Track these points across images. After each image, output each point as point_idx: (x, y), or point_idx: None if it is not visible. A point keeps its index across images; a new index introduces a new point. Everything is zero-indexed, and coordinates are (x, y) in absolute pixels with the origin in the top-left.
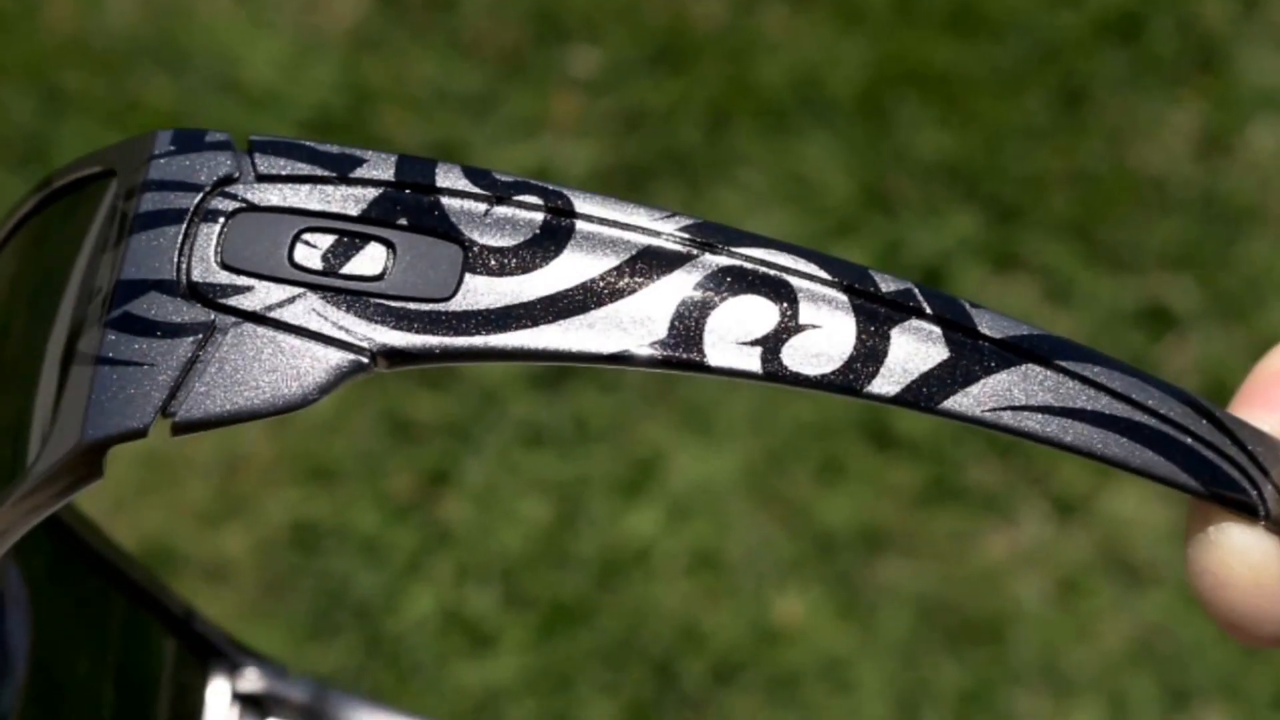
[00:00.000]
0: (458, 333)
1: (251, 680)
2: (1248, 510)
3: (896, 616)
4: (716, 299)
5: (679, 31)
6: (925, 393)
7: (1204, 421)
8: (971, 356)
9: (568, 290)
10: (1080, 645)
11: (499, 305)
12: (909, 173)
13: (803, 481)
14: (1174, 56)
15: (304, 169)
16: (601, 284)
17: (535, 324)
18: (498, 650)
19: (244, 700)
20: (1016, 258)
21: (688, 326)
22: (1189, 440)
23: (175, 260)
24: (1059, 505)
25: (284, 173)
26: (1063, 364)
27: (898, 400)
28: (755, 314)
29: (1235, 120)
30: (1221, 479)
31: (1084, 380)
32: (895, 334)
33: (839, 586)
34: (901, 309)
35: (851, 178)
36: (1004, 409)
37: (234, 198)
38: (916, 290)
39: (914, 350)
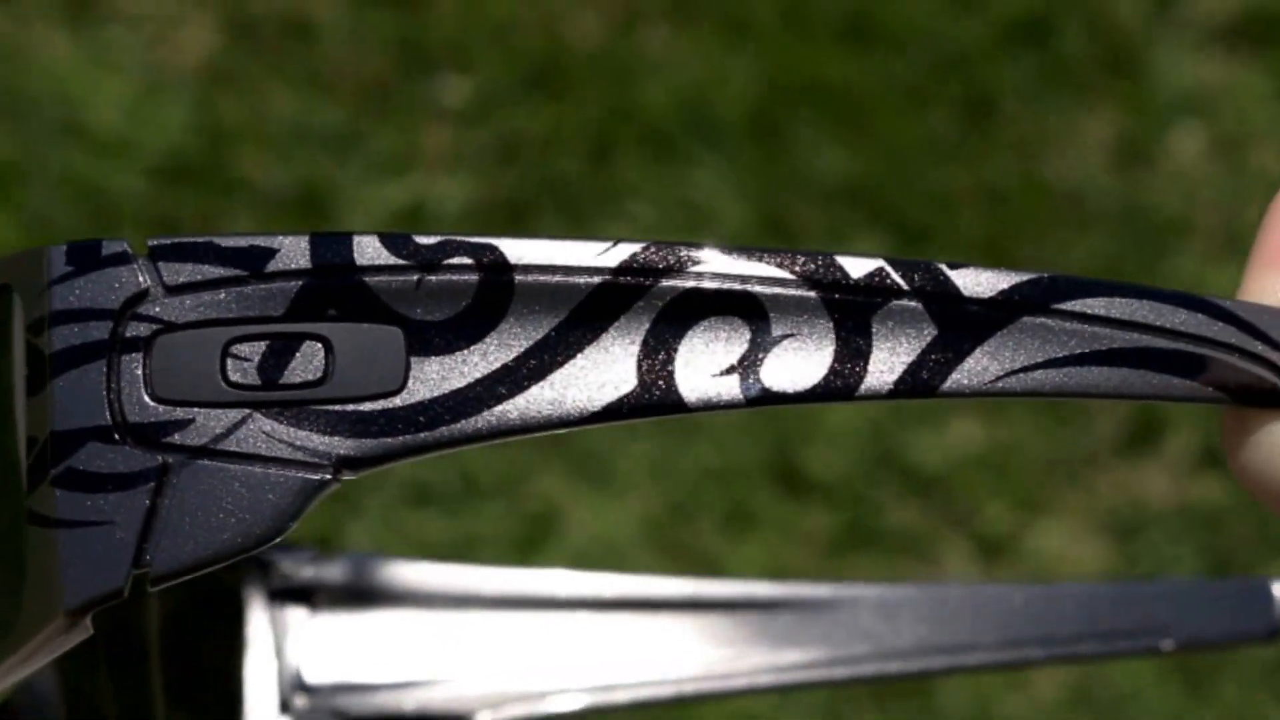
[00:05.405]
0: (418, 427)
1: (286, 573)
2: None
3: None
4: (681, 331)
5: (554, 55)
6: (922, 379)
7: (1218, 324)
8: (961, 326)
9: (521, 355)
10: (1013, 694)
11: (454, 387)
12: (808, 196)
13: (709, 531)
14: (1085, 61)
15: (214, 272)
16: (556, 340)
17: (496, 401)
18: None
19: (283, 595)
20: None
21: (657, 369)
22: (1205, 350)
23: (106, 402)
24: (983, 545)
25: (194, 279)
26: (1058, 307)
27: (894, 394)
28: (725, 338)
29: (1154, 127)
30: (1246, 378)
31: (1083, 318)
32: (876, 323)
33: None
34: (877, 292)
35: (747, 204)
36: (1006, 375)
37: (149, 319)
38: (888, 266)
39: (900, 336)
